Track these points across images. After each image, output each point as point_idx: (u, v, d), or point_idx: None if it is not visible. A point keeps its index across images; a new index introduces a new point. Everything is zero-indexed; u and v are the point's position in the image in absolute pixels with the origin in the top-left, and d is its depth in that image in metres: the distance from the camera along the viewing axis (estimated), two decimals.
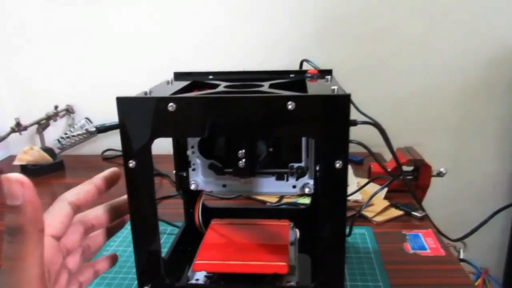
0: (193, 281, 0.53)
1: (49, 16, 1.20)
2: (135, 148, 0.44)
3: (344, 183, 0.43)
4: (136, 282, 0.49)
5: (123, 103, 0.43)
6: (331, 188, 0.43)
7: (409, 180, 0.82)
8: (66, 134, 1.14)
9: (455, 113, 1.23)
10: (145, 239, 0.47)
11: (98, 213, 0.44)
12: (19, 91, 1.26)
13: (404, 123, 1.22)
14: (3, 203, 0.29)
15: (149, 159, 0.45)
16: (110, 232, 0.47)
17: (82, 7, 1.19)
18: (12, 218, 0.30)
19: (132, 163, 0.44)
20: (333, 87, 0.44)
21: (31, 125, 1.14)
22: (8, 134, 1.12)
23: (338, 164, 0.42)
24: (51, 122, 1.17)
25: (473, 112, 1.23)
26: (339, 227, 0.44)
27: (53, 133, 1.20)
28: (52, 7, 1.19)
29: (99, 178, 0.43)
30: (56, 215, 0.38)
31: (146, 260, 0.48)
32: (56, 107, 1.18)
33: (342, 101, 0.41)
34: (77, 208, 0.40)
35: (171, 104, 0.42)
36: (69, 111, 1.20)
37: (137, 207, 0.46)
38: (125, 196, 0.46)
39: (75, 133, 1.12)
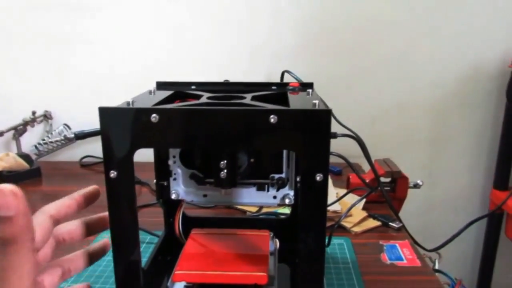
0: None
1: (27, 22, 1.18)
2: (116, 158, 0.44)
3: (324, 196, 0.44)
4: None
5: (105, 113, 0.43)
6: (311, 200, 0.44)
7: (386, 192, 0.84)
8: (43, 140, 1.12)
9: (431, 126, 1.26)
10: (125, 249, 0.47)
11: (70, 228, 0.44)
12: None
13: (382, 134, 1.25)
14: None
15: (131, 169, 0.45)
16: (92, 257, 0.46)
17: (60, 13, 1.17)
18: (5, 229, 0.30)
19: (113, 173, 0.44)
20: (314, 101, 0.44)
21: (8, 130, 1.12)
22: None
23: (318, 177, 0.43)
24: (28, 128, 1.15)
25: (448, 125, 1.26)
26: (319, 238, 0.45)
27: (30, 139, 1.18)
28: (30, 13, 1.17)
29: (80, 194, 0.43)
30: (37, 228, 0.38)
31: (125, 270, 0.48)
32: (33, 113, 1.16)
33: (323, 116, 0.42)
34: (57, 222, 0.40)
35: (154, 115, 0.42)
36: (47, 117, 1.19)
37: (117, 217, 0.46)
38: (101, 214, 0.46)
39: (53, 139, 1.11)
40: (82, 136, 0.98)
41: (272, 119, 0.42)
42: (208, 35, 1.20)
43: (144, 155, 0.71)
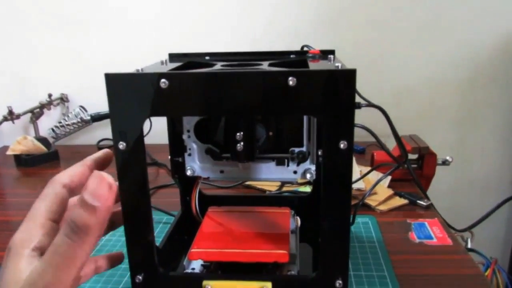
0: (189, 270, 0.50)
1: (43, 3, 1.16)
2: (125, 129, 0.42)
3: (349, 165, 0.40)
4: (129, 273, 0.46)
5: (112, 80, 0.40)
6: (335, 170, 0.40)
7: (413, 169, 0.80)
8: (60, 123, 1.11)
9: (460, 104, 1.20)
10: (137, 226, 0.45)
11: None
12: (11, 79, 1.23)
13: (407, 113, 1.19)
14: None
15: (141, 140, 0.42)
16: (112, 224, 0.45)
17: None
18: (84, 216, 0.29)
19: (122, 145, 0.42)
20: (337, 64, 0.41)
21: (24, 113, 1.11)
22: (1, 122, 1.09)
23: (342, 145, 0.39)
24: (45, 111, 1.14)
25: (478, 102, 1.20)
26: (343, 212, 0.42)
27: (47, 123, 1.17)
28: None
29: (91, 160, 0.41)
30: (52, 198, 0.36)
31: (138, 249, 0.45)
32: (50, 96, 1.15)
33: (348, 76, 0.38)
34: (71, 191, 0.38)
35: (163, 80, 0.39)
36: (63, 99, 1.17)
37: (128, 192, 0.43)
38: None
39: (69, 122, 1.09)
40: (98, 118, 0.97)
41: (291, 81, 0.38)
42: (225, 10, 1.15)
43: (160, 137, 0.68)
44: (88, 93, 1.19)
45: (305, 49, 1.05)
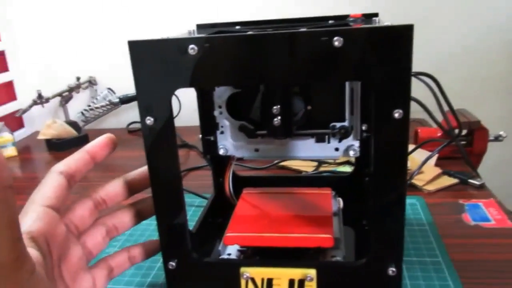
0: (225, 256, 0.47)
1: None
2: (152, 103, 0.38)
3: (405, 138, 0.35)
4: (161, 258, 0.43)
5: (136, 48, 0.37)
6: (389, 144, 0.35)
7: (462, 146, 0.73)
8: (89, 106, 1.09)
9: (508, 72, 1.11)
10: (168, 209, 0.41)
11: (108, 187, 0.41)
12: (39, 63, 1.22)
13: (450, 85, 1.09)
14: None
15: (170, 114, 0.38)
16: (140, 214, 0.43)
17: None
18: None
19: (149, 120, 0.38)
20: (387, 23, 0.35)
21: (53, 96, 1.10)
22: (30, 106, 1.08)
23: (397, 114, 0.34)
24: (74, 94, 1.12)
25: None
26: (399, 190, 0.37)
27: (76, 106, 1.16)
28: None
29: (91, 145, 0.40)
30: (47, 186, 0.36)
31: (170, 233, 0.42)
32: (78, 79, 1.13)
33: (404, 34, 0.33)
34: (71, 178, 0.37)
35: (192, 46, 0.35)
36: (91, 82, 1.15)
37: (157, 172, 0.40)
38: (142, 169, 0.42)
39: (98, 105, 1.07)
40: (126, 100, 0.93)
41: (337, 41, 0.33)
42: None
43: (190, 119, 0.64)
44: (116, 75, 1.16)
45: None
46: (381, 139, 0.36)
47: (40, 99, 1.07)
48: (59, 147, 1.05)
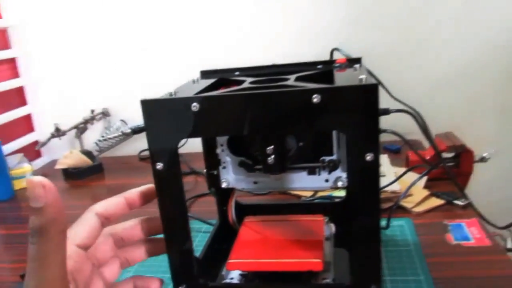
0: (228, 280, 0.52)
1: (84, 23, 1.23)
2: (162, 150, 0.44)
3: (376, 176, 0.41)
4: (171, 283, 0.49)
5: (147, 105, 0.43)
6: (362, 182, 0.42)
7: (449, 167, 0.79)
8: (103, 136, 1.17)
9: (498, 93, 1.16)
10: (176, 239, 0.47)
11: (126, 226, 0.45)
12: (57, 98, 1.30)
13: (441, 107, 1.17)
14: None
15: (177, 160, 0.45)
16: (153, 250, 0.47)
17: (112, 11, 1.21)
18: (35, 220, 0.31)
19: (159, 165, 0.44)
20: (361, 77, 0.42)
21: (70, 129, 1.18)
22: (49, 140, 1.16)
23: (369, 157, 0.40)
24: (89, 125, 1.20)
25: None
26: (373, 221, 0.43)
27: (91, 137, 1.24)
28: (84, 12, 1.22)
29: (131, 192, 0.44)
30: (82, 225, 0.40)
31: (179, 260, 0.48)
32: (92, 111, 1.21)
33: (369, 91, 0.39)
34: (105, 220, 0.42)
35: (194, 104, 0.42)
36: (105, 114, 1.23)
37: (167, 208, 0.46)
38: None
39: (111, 135, 1.15)
40: (138, 130, 0.99)
41: (315, 98, 0.40)
42: (254, 17, 1.18)
43: (196, 145, 0.71)
44: (128, 106, 1.24)
45: (335, 52, 1.05)
46: (356, 178, 0.42)
47: (58, 132, 1.15)
48: (76, 176, 1.12)
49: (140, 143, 1.26)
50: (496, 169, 1.16)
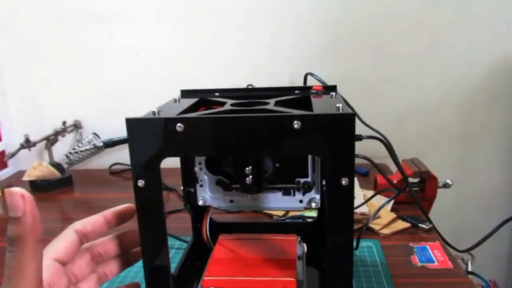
0: None
1: (55, 34, 1.22)
2: (144, 167, 0.45)
3: (350, 200, 0.44)
4: None
5: (132, 124, 0.44)
6: (337, 205, 0.44)
7: (415, 192, 0.82)
8: (74, 149, 1.15)
9: (459, 123, 1.23)
10: (154, 256, 0.48)
11: (103, 242, 0.47)
12: (27, 108, 1.28)
13: (409, 134, 1.23)
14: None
15: (158, 177, 0.46)
16: (127, 261, 0.49)
17: (88, 24, 1.21)
18: (13, 229, 0.32)
19: (141, 182, 0.45)
20: (337, 105, 0.44)
21: (40, 141, 1.16)
22: (18, 151, 1.14)
23: (344, 181, 0.43)
24: (59, 137, 1.18)
25: (477, 121, 1.23)
26: (346, 243, 0.45)
27: (62, 149, 1.22)
28: (58, 25, 1.21)
29: (110, 211, 0.46)
30: (61, 241, 0.41)
31: (155, 277, 0.49)
32: (64, 123, 1.20)
33: (347, 120, 0.42)
34: (84, 237, 0.43)
35: (179, 124, 0.43)
36: (77, 126, 1.22)
37: (146, 225, 0.47)
38: (133, 228, 0.48)
39: (83, 148, 1.13)
40: (110, 144, 0.99)
41: (296, 124, 0.42)
42: (231, 40, 1.20)
43: (171, 161, 0.72)
44: (101, 119, 1.24)
45: (309, 76, 1.09)
46: (331, 200, 0.44)
47: (28, 143, 1.13)
48: (44, 188, 1.10)
49: (111, 157, 1.25)
50: (457, 194, 1.22)
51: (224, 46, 1.21)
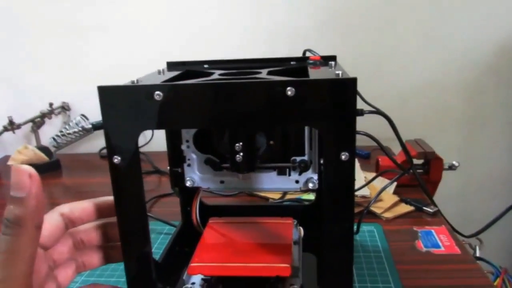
0: (189, 285, 0.49)
1: (41, 12, 1.16)
2: (120, 143, 0.40)
3: (351, 177, 0.39)
4: None
5: (105, 92, 0.39)
6: (337, 182, 0.39)
7: (419, 174, 0.78)
8: (61, 131, 1.10)
9: (465, 105, 1.18)
10: (134, 241, 0.43)
11: (88, 228, 0.42)
12: (12, 89, 1.23)
13: (411, 116, 1.18)
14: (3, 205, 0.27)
15: (137, 154, 0.41)
16: (109, 255, 0.44)
17: (74, 2, 1.15)
18: (13, 210, 0.29)
19: (117, 159, 0.41)
20: (337, 72, 0.39)
21: (25, 123, 1.11)
22: (1, 133, 1.09)
23: (344, 156, 0.38)
24: (46, 120, 1.13)
25: (483, 102, 1.18)
26: (346, 225, 0.40)
27: (49, 132, 1.17)
28: (44, 3, 1.15)
29: (102, 200, 0.42)
30: (44, 223, 0.36)
31: (135, 264, 0.44)
32: (51, 105, 1.15)
33: (348, 85, 0.37)
34: (70, 222, 0.39)
35: (157, 92, 0.38)
36: (64, 108, 1.17)
37: (124, 207, 0.42)
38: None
39: (70, 131, 1.08)
40: (99, 126, 0.95)
41: (289, 91, 0.37)
42: (225, 15, 1.15)
43: (161, 144, 0.67)
44: (89, 101, 1.17)
45: (307, 53, 1.03)
46: (330, 177, 0.39)
47: (12, 126, 1.08)
48: None
49: (101, 140, 1.19)
50: (462, 178, 1.17)
51: (216, 23, 1.15)
